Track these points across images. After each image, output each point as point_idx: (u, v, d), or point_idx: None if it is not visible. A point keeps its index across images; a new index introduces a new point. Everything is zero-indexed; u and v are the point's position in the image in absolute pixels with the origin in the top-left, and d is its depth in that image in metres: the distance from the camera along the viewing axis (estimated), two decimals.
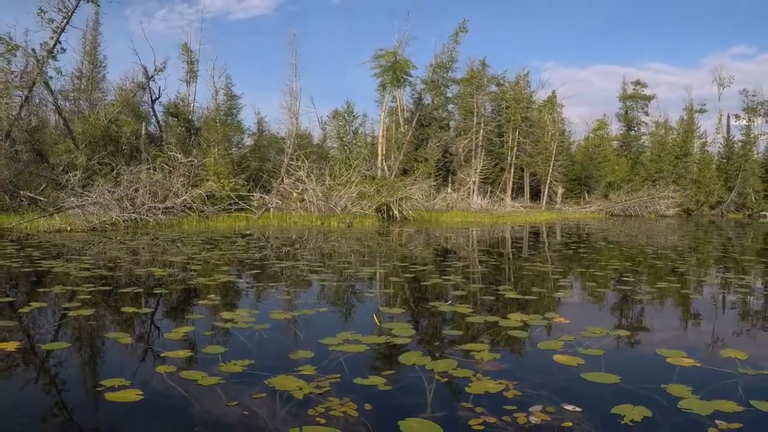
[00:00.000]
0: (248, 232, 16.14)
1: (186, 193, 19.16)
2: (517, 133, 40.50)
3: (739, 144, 49.51)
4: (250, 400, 2.93)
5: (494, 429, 2.60)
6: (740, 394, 3.07)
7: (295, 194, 22.64)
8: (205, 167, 22.01)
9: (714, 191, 46.20)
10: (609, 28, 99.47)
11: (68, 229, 14.79)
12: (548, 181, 42.26)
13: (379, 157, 34.17)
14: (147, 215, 16.96)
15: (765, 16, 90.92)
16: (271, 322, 4.73)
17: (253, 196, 22.29)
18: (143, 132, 24.70)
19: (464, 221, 25.66)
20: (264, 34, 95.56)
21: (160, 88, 26.88)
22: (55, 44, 20.71)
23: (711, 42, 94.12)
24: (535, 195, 44.01)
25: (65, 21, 20.51)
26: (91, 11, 31.26)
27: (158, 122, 27.61)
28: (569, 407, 2.87)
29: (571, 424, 2.67)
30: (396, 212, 23.50)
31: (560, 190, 43.47)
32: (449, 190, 35.17)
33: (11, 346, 3.85)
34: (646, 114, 53.40)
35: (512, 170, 41.11)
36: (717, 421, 2.69)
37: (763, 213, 44.62)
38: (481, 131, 38.80)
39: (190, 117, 29.56)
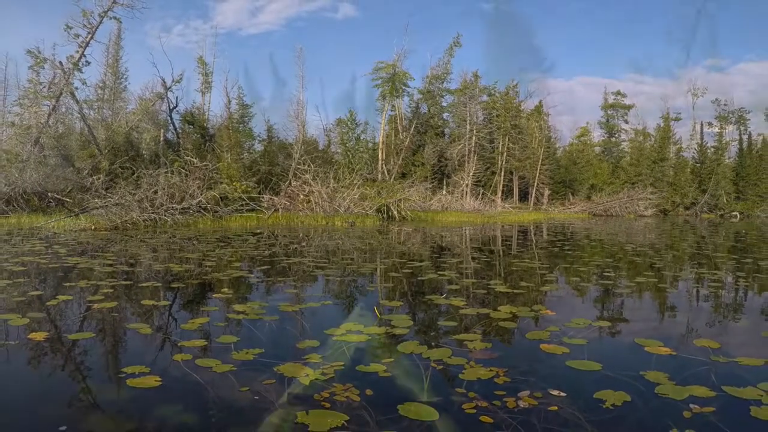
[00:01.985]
0: (259, 231, 16.13)
1: (201, 194, 19.15)
2: (506, 139, 40.45)
3: (712, 150, 49.49)
4: (261, 385, 2.93)
5: (486, 412, 2.60)
6: (713, 381, 3.07)
7: (302, 196, 22.64)
8: (218, 171, 21.99)
9: (688, 193, 46.20)
10: (591, 41, 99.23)
11: (92, 228, 14.78)
12: (536, 184, 42.21)
13: (380, 162, 34.20)
14: (165, 215, 16.95)
15: (737, 31, 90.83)
16: (280, 314, 4.73)
17: (263, 197, 22.27)
18: (162, 138, 24.69)
19: (458, 221, 25.63)
20: (273, 47, 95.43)
21: (177, 97, 26.70)
22: (80, 57, 20.75)
23: (686, 54, 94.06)
24: (524, 196, 43.95)
25: (90, 36, 20.56)
26: (114, 27, 31.17)
27: (176, 129, 27.57)
28: (555, 392, 2.87)
29: (557, 407, 2.67)
30: (395, 213, 23.47)
31: (547, 192, 43.43)
32: (444, 192, 35.11)
33: (40, 335, 3.86)
34: (626, 122, 53.35)
35: (502, 173, 41.07)
36: (691, 405, 2.69)
37: (733, 213, 44.61)
38: (474, 138, 38.76)
39: (205, 125, 29.48)
